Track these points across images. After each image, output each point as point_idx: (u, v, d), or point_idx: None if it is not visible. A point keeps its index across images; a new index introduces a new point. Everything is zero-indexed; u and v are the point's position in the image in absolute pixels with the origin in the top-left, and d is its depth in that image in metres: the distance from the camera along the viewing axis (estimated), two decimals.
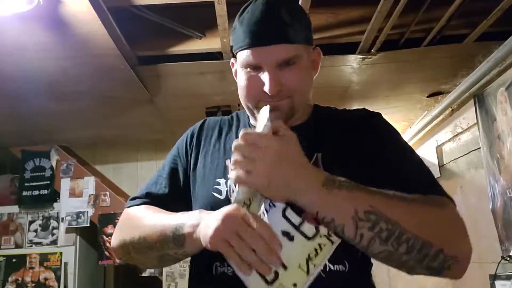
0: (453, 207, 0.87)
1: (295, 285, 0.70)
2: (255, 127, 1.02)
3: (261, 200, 0.77)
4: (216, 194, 0.95)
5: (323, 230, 0.74)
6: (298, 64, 0.92)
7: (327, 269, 0.86)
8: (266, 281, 0.70)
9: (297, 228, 0.74)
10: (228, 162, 0.98)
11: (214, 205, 0.91)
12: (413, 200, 0.81)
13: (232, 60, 1.04)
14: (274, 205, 0.77)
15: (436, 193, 0.87)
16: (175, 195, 1.04)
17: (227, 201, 0.92)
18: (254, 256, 0.71)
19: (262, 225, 0.72)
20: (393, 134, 1.00)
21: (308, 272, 0.71)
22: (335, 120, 1.04)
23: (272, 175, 0.74)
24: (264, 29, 0.90)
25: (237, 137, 0.98)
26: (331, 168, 0.88)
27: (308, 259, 0.72)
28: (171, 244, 0.87)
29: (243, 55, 0.92)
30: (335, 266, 0.87)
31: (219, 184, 0.96)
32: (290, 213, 0.75)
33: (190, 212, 0.89)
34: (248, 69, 0.93)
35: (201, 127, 1.10)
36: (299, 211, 0.77)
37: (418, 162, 0.95)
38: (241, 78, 0.95)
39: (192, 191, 1.02)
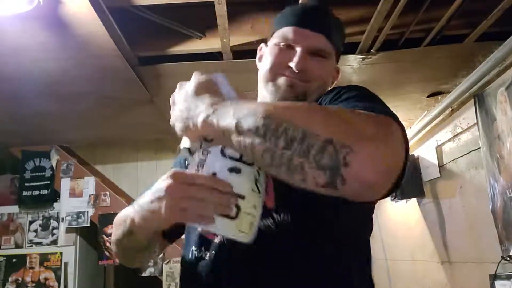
0: (390, 120, 0.69)
1: (255, 206, 0.75)
2: None
3: (197, 149, 0.79)
4: None
5: None
6: (326, 60, 1.00)
7: (276, 221, 0.85)
8: (232, 217, 0.73)
9: (239, 160, 0.75)
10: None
11: None
12: (319, 106, 0.79)
13: (262, 45, 1.10)
14: (209, 151, 0.76)
15: (378, 112, 0.70)
16: None
17: None
18: (211, 207, 0.70)
19: (201, 177, 0.72)
20: (364, 89, 0.93)
21: (259, 192, 0.76)
22: (327, 94, 1.04)
23: (178, 110, 0.77)
24: (313, 16, 0.99)
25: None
26: None
27: (256, 181, 0.76)
28: (122, 234, 0.91)
29: (284, 31, 1.00)
30: (281, 215, 0.86)
31: None
32: (227, 150, 0.75)
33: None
34: (282, 44, 0.99)
35: None
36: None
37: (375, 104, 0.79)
38: (270, 50, 1.02)
39: None
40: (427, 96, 3.09)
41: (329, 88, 1.04)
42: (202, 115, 0.71)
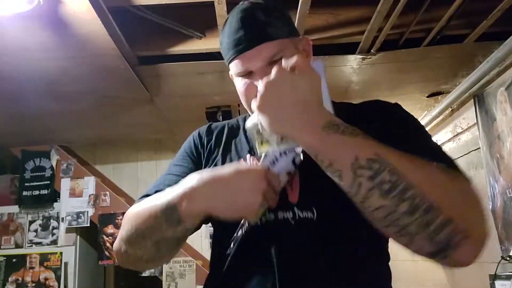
0: (470, 183, 0.75)
1: None
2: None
3: (275, 144, 0.79)
4: None
5: None
6: (286, 58, 0.91)
7: (296, 217, 0.85)
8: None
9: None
10: (241, 160, 0.97)
11: None
12: (427, 162, 0.71)
13: (230, 72, 1.06)
14: (286, 154, 0.80)
15: (446, 164, 0.77)
16: None
17: None
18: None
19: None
20: (413, 120, 0.95)
21: None
22: (357, 114, 0.97)
23: (273, 109, 0.73)
24: (244, 35, 0.91)
25: (246, 138, 1.02)
26: None
27: None
28: (165, 225, 0.83)
29: (233, 66, 0.94)
30: (303, 212, 0.86)
31: None
32: (299, 161, 0.79)
33: (177, 184, 0.85)
34: (241, 78, 0.95)
35: (209, 129, 1.09)
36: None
37: (438, 147, 0.88)
38: (237, 87, 0.98)
39: None
40: (427, 96, 3.09)
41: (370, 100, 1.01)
42: (307, 134, 0.71)
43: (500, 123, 2.18)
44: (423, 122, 3.13)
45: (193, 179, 0.81)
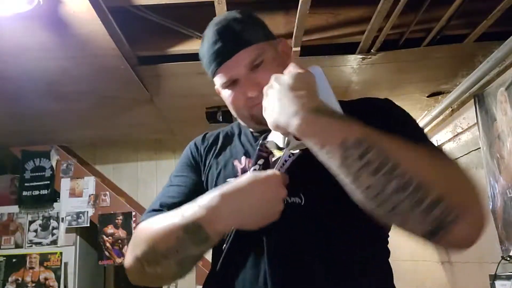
0: (460, 165, 0.78)
1: None
2: (256, 131, 1.05)
3: (285, 146, 0.83)
4: None
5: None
6: (266, 60, 0.95)
7: (285, 201, 0.86)
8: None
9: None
10: (236, 162, 0.99)
11: None
12: (415, 144, 0.73)
13: (215, 86, 1.08)
14: (293, 154, 0.84)
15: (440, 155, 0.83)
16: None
17: None
18: None
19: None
20: (407, 117, 0.97)
21: None
22: (349, 112, 1.00)
23: (271, 104, 0.78)
24: (222, 46, 0.94)
25: (241, 143, 1.03)
26: None
27: None
28: (190, 244, 0.82)
29: (218, 79, 0.98)
30: (291, 198, 0.88)
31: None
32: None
33: (195, 201, 0.85)
34: (228, 87, 0.98)
35: (203, 137, 1.11)
36: None
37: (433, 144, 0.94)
38: (225, 97, 1.00)
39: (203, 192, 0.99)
40: (427, 96, 3.09)
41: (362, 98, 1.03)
42: (298, 118, 0.72)
43: (500, 123, 2.18)
44: (423, 122, 3.13)
45: (213, 198, 0.81)
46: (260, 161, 0.89)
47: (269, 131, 0.99)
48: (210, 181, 1.01)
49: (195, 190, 1.00)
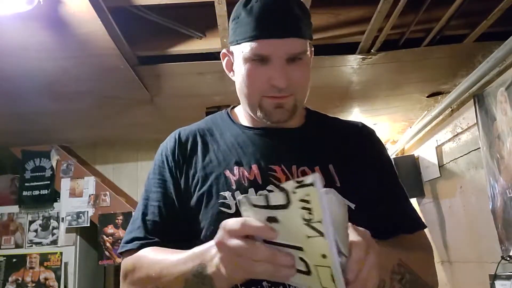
0: (428, 241, 1.02)
1: (324, 256, 0.59)
2: (246, 126, 1.00)
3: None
4: (224, 209, 0.88)
5: (289, 184, 0.59)
6: (303, 61, 0.91)
7: None
8: (305, 272, 0.63)
9: (269, 207, 0.62)
10: (227, 172, 0.92)
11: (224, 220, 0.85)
12: (415, 251, 0.91)
13: (224, 50, 0.99)
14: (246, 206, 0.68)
15: (419, 228, 1.01)
16: (173, 220, 0.95)
17: (237, 215, 0.82)
18: (270, 267, 0.64)
19: (254, 248, 0.64)
20: (387, 156, 1.08)
21: (320, 233, 0.58)
22: (335, 129, 1.05)
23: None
24: (278, 21, 0.86)
25: (227, 145, 0.96)
26: (346, 181, 0.92)
27: (308, 222, 0.59)
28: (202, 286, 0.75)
29: (251, 46, 0.88)
30: None
31: (225, 198, 0.89)
32: (257, 198, 0.64)
33: (199, 248, 0.78)
34: (254, 62, 0.89)
35: (179, 141, 1.01)
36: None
37: (402, 189, 1.05)
38: (243, 70, 0.90)
39: (193, 209, 0.93)
40: (427, 96, 3.09)
41: (358, 124, 1.07)
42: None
43: (500, 123, 2.18)
44: (423, 122, 3.14)
45: (213, 258, 0.72)
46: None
47: (266, 128, 0.97)
48: (200, 196, 0.92)
49: (174, 208, 0.95)
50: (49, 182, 3.74)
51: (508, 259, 2.15)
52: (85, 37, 2.02)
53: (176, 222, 0.94)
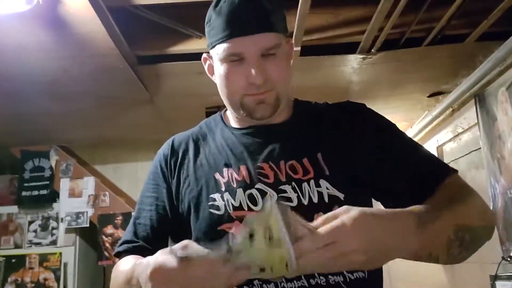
0: (464, 182, 0.95)
1: (286, 264, 0.62)
2: (235, 128, 1.01)
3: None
4: (214, 211, 0.91)
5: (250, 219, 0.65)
6: (279, 54, 0.90)
7: (347, 280, 0.84)
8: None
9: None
10: (217, 175, 0.94)
11: (213, 222, 0.89)
12: (458, 203, 0.85)
13: (204, 55, 1.00)
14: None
15: (447, 175, 0.93)
16: (164, 224, 0.98)
17: (227, 217, 0.89)
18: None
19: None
20: (385, 123, 1.02)
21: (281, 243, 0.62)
22: (323, 116, 1.01)
23: (368, 248, 0.67)
24: (246, 17, 0.86)
25: (217, 148, 0.97)
26: (336, 167, 0.90)
27: (267, 230, 0.62)
28: None
29: (224, 47, 0.88)
30: (354, 274, 0.85)
31: (214, 199, 0.92)
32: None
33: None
34: (230, 62, 0.90)
35: (172, 148, 1.04)
36: None
37: (416, 147, 0.99)
38: (221, 72, 0.92)
39: (184, 212, 0.96)
40: (428, 96, 3.09)
41: (359, 108, 1.03)
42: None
43: (501, 123, 2.18)
44: (423, 122, 3.13)
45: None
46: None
47: (253, 127, 0.97)
48: (191, 199, 0.95)
49: (165, 212, 0.98)
50: (48, 182, 3.73)
51: (509, 259, 2.14)
52: (85, 37, 2.01)
53: (167, 225, 0.98)
